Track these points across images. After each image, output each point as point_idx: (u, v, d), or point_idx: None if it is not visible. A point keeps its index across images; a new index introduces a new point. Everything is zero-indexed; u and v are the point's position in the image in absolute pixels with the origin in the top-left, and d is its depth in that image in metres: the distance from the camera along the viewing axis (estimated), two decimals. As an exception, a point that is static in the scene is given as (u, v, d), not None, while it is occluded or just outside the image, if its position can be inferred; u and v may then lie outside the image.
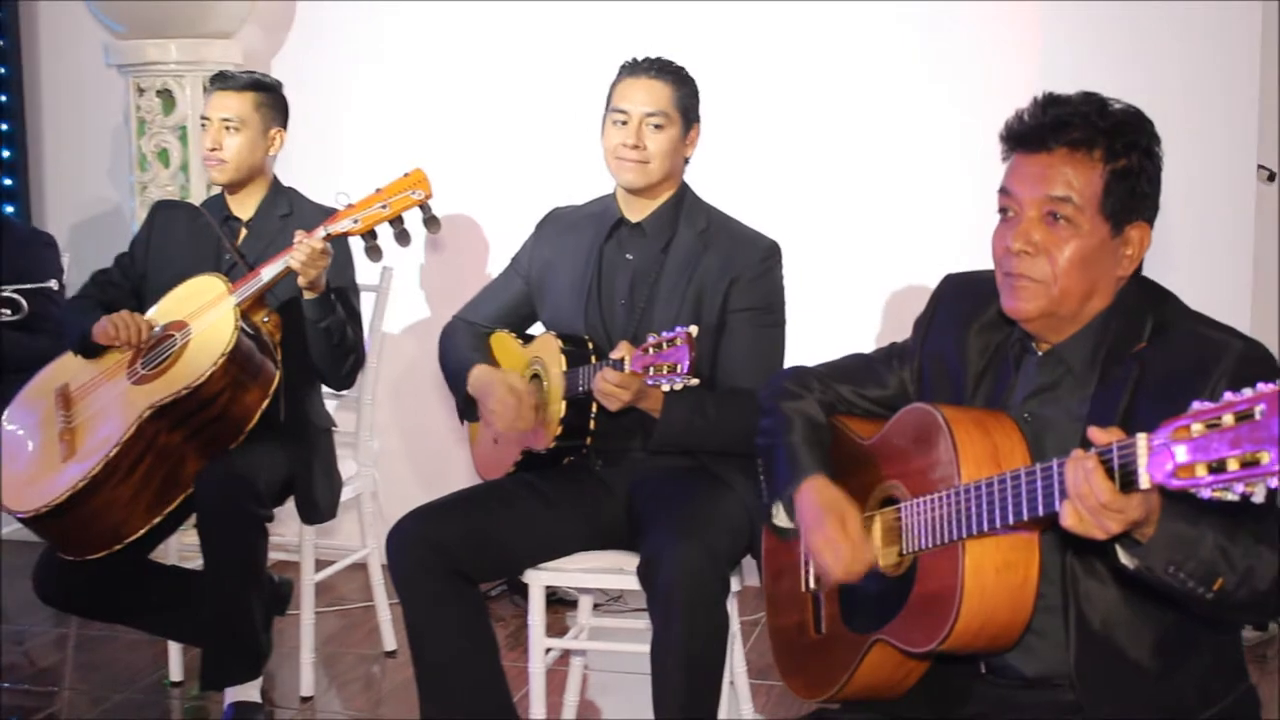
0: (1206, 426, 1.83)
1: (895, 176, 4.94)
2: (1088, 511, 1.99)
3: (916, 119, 4.89)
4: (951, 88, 4.84)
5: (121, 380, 3.84)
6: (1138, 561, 2.08)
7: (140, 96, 5.35)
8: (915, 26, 4.88)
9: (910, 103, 4.89)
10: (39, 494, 3.73)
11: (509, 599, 5.00)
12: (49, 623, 4.96)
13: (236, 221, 4.15)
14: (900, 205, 4.92)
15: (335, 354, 3.94)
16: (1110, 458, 1.96)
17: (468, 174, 5.15)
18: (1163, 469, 1.88)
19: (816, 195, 5.00)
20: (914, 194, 4.90)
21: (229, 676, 3.91)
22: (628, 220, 3.57)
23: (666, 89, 3.50)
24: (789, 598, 2.85)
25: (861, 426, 2.74)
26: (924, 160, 4.89)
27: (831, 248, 4.93)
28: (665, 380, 2.99)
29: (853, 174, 4.98)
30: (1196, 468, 1.83)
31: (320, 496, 4.10)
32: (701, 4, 5.03)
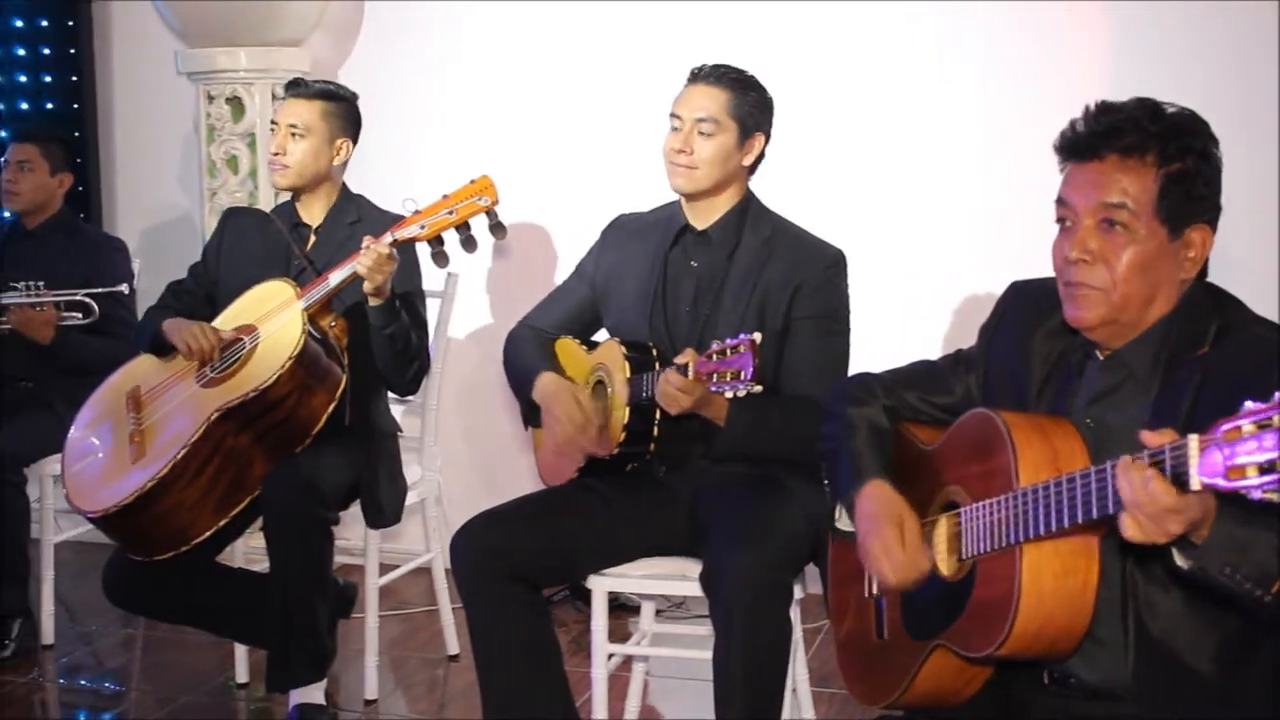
0: (1258, 427, 1.82)
1: (962, 184, 4.91)
2: (1148, 518, 1.99)
3: (983, 128, 4.87)
4: (1019, 97, 4.81)
5: (191, 383, 3.88)
6: (1192, 563, 2.07)
7: (210, 104, 5.40)
8: (980, 39, 4.86)
9: (977, 112, 4.87)
10: (109, 495, 3.77)
11: (571, 604, 5.01)
12: (117, 624, 5.02)
13: (305, 228, 4.18)
14: (967, 213, 4.90)
15: (400, 360, 3.96)
16: (1162, 459, 1.95)
17: (534, 180, 5.17)
18: (1214, 470, 1.87)
19: (883, 203, 4.99)
20: (980, 202, 4.87)
21: (294, 679, 3.93)
22: (693, 227, 3.57)
23: (722, 95, 3.49)
24: (852, 604, 2.84)
25: (925, 433, 2.73)
26: (991, 168, 4.86)
27: (898, 255, 4.92)
28: (729, 387, 2.98)
29: (919, 182, 4.97)
30: (1248, 469, 1.82)
31: (385, 501, 4.12)
32: (769, 13, 5.02)
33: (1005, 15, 4.84)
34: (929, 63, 4.92)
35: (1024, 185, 4.64)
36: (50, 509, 4.85)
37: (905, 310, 4.84)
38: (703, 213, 3.56)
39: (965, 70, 4.89)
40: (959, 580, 2.48)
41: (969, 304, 4.82)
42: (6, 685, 4.51)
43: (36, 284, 4.77)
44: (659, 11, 5.16)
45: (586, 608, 3.77)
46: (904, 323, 4.76)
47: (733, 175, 3.54)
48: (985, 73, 4.87)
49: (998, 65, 4.85)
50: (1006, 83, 4.84)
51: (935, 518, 2.58)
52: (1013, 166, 4.79)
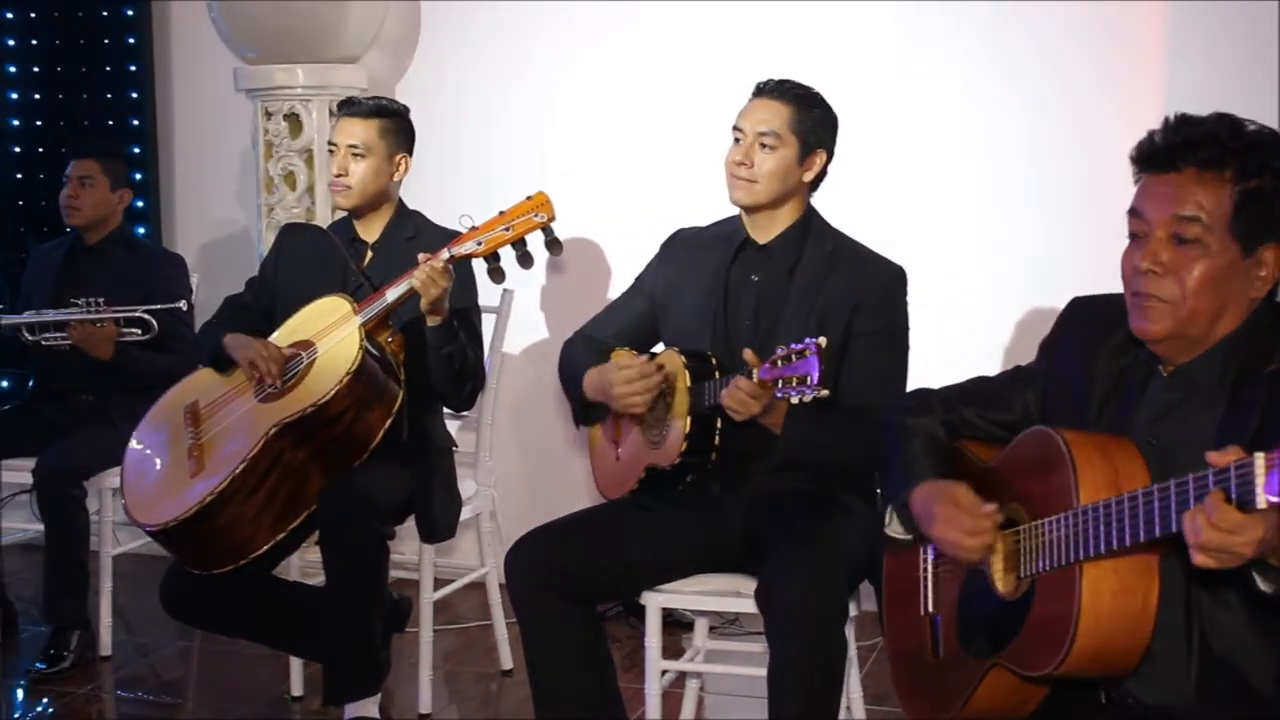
0: None
1: (1025, 198, 4.89)
2: (1216, 549, 1.98)
3: (1045, 142, 4.84)
4: (1081, 110, 4.78)
5: (249, 398, 3.90)
6: (1276, 587, 2.06)
7: (268, 120, 5.43)
8: (1043, 53, 4.83)
9: (1040, 125, 4.85)
10: (167, 508, 3.79)
11: (625, 620, 5.01)
12: (174, 636, 5.04)
13: (362, 244, 4.21)
14: (1029, 227, 4.87)
15: (456, 378, 3.97)
16: (1228, 478, 1.94)
17: (589, 196, 5.18)
18: None
19: (943, 218, 4.97)
20: (1043, 216, 4.85)
21: (349, 692, 3.94)
22: (754, 241, 3.57)
23: (785, 110, 3.50)
24: (908, 622, 2.83)
25: (984, 450, 2.72)
26: (1052, 183, 4.84)
27: (958, 271, 4.90)
28: (794, 392, 2.96)
29: (980, 196, 4.95)
30: None
31: (440, 516, 4.13)
32: (828, 30, 5.02)
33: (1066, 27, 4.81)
34: (989, 78, 4.90)
35: (1088, 199, 4.65)
36: (109, 522, 4.89)
37: (965, 326, 4.82)
38: (763, 227, 3.56)
39: (1026, 85, 4.86)
40: (1017, 598, 2.47)
41: (1029, 319, 4.79)
42: (65, 696, 4.54)
43: (97, 300, 4.81)
44: (719, 25, 5.16)
45: (640, 623, 3.77)
46: (964, 339, 4.73)
47: (792, 190, 3.53)
48: (1048, 86, 4.84)
49: (1059, 80, 4.82)
50: (1070, 96, 4.81)
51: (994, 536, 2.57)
52: (1077, 180, 4.76)
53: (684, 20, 5.21)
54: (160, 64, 5.92)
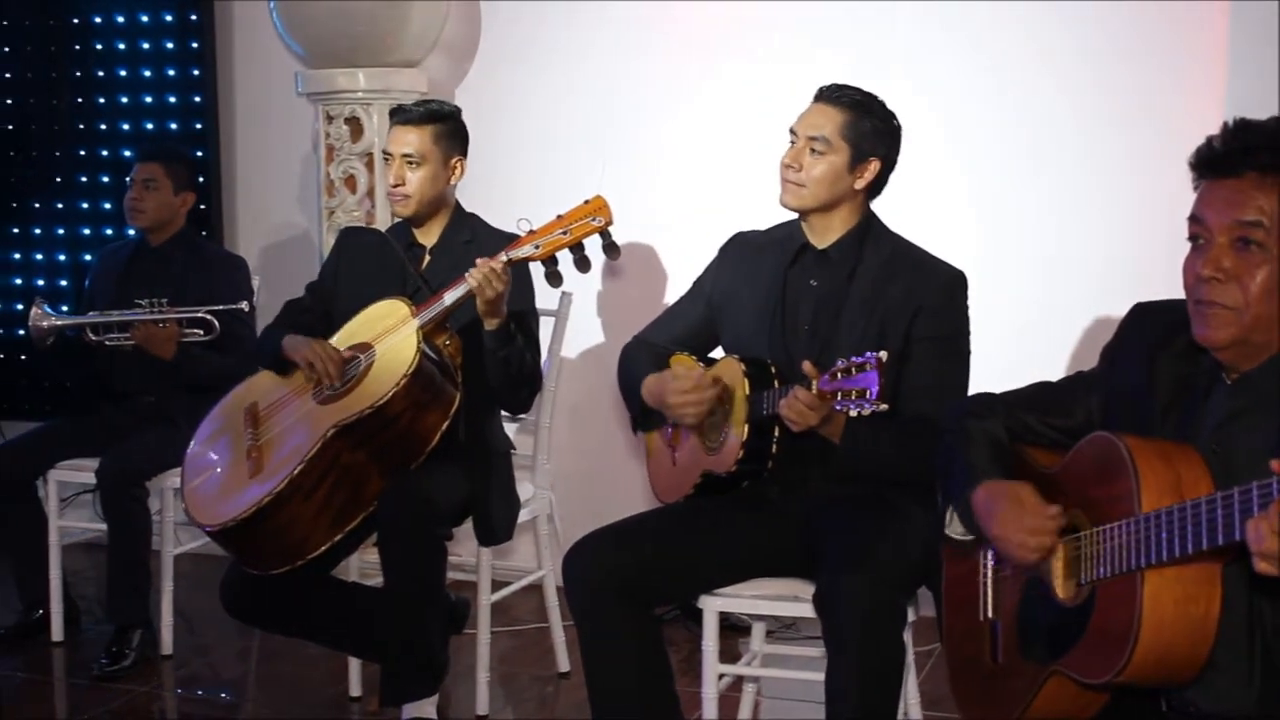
0: None
1: (1085, 204, 4.85)
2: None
3: (1108, 146, 4.80)
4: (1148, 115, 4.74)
5: (308, 400, 3.93)
6: None
7: (329, 124, 5.47)
8: (1109, 55, 4.80)
9: (1101, 131, 4.81)
10: (227, 508, 3.82)
11: (682, 624, 5.00)
12: (234, 635, 5.08)
13: (420, 248, 4.22)
14: (1089, 232, 4.84)
15: (513, 382, 3.98)
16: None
17: (648, 200, 5.18)
18: None
19: (1004, 223, 4.94)
20: (1104, 221, 4.81)
21: (407, 693, 3.96)
22: (813, 246, 3.56)
23: (839, 116, 3.48)
24: (967, 627, 2.82)
25: (1044, 456, 2.71)
26: (1114, 188, 4.80)
27: (1018, 276, 4.87)
28: (854, 405, 2.94)
29: (1041, 201, 4.91)
30: None
31: (498, 518, 4.14)
32: (890, 35, 5.00)
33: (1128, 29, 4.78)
34: (1053, 84, 4.87)
35: (1151, 204, 4.61)
36: (170, 522, 4.93)
37: (1026, 331, 4.79)
38: (821, 231, 3.55)
39: (1089, 92, 4.83)
40: (1078, 605, 2.45)
41: (1093, 325, 4.76)
42: (127, 694, 4.58)
43: (160, 301, 4.85)
44: (781, 27, 5.15)
45: (697, 627, 3.77)
46: (1024, 344, 4.70)
47: (842, 197, 3.51)
48: (1110, 92, 4.81)
49: (1122, 81, 4.79)
50: (1133, 98, 4.77)
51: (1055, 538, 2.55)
52: (1144, 186, 4.72)
53: (745, 22, 5.20)
54: (223, 68, 5.96)
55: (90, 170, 6.10)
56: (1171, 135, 4.50)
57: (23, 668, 4.86)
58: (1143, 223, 4.71)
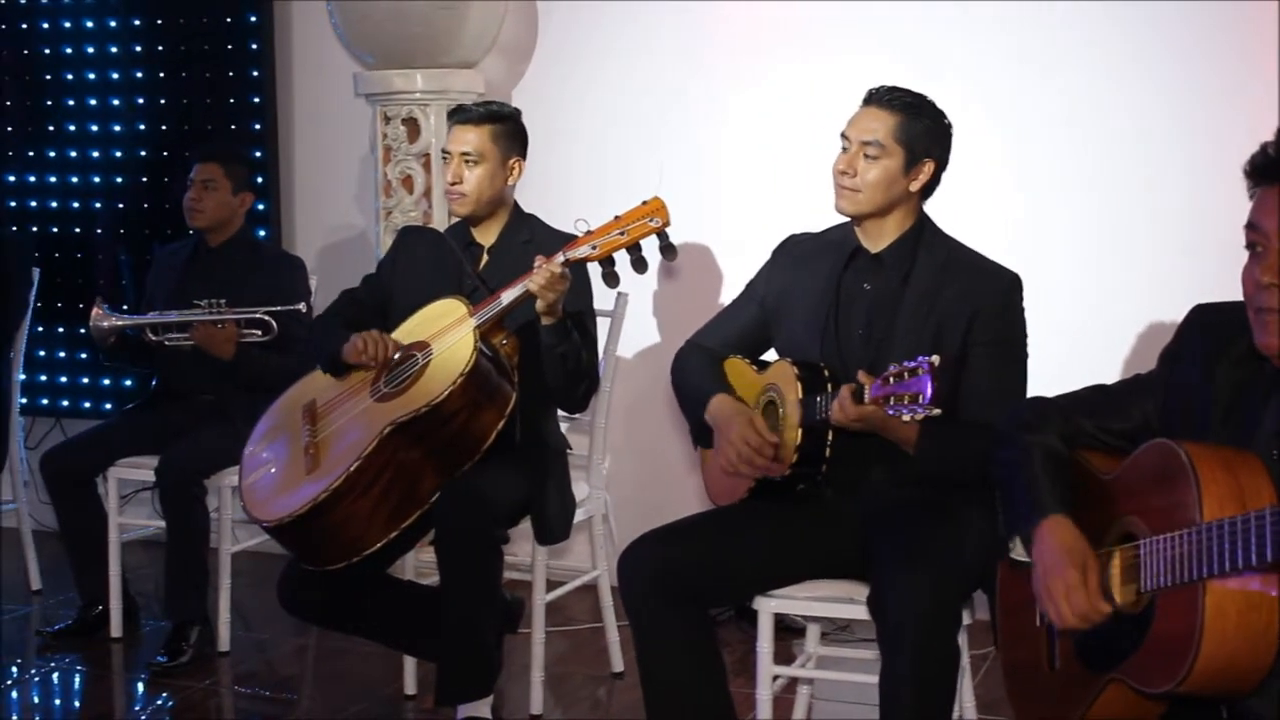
0: None
1: (1142, 206, 4.82)
2: None
3: (1166, 149, 4.77)
4: (1204, 115, 4.71)
5: (365, 397, 3.95)
6: None
7: (387, 125, 5.49)
8: (1161, 57, 4.77)
9: (1160, 132, 4.78)
10: (284, 505, 3.85)
11: (736, 625, 5.00)
12: (290, 633, 5.12)
13: (478, 247, 4.24)
14: (1148, 234, 4.81)
15: (570, 379, 3.99)
16: None
17: (703, 201, 5.18)
18: None
19: (1061, 224, 4.92)
20: (1162, 223, 4.78)
21: (462, 692, 3.97)
22: (866, 250, 3.55)
23: (891, 119, 3.46)
24: (1023, 632, 2.80)
25: (1101, 461, 2.68)
26: (1173, 191, 4.77)
27: (1076, 279, 4.84)
28: (906, 410, 2.93)
29: (1098, 203, 4.88)
30: None
31: (553, 518, 4.15)
32: (948, 35, 4.99)
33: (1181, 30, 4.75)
34: (1108, 86, 4.84)
35: (1211, 207, 4.57)
36: (228, 519, 4.96)
37: (1083, 334, 4.76)
38: (874, 235, 3.54)
39: (1146, 94, 4.80)
40: (1137, 613, 2.44)
41: (1151, 328, 4.72)
42: (184, 690, 4.62)
43: (218, 301, 4.88)
44: (838, 30, 5.15)
45: (751, 628, 3.76)
46: (1081, 347, 4.68)
47: (897, 200, 3.50)
48: (1161, 89, 4.78)
49: (1175, 83, 4.76)
50: (1187, 100, 4.74)
51: (1111, 548, 2.54)
52: (1199, 187, 4.69)
53: (801, 25, 5.20)
54: (281, 69, 5.99)
55: (152, 171, 6.14)
56: (1225, 136, 4.51)
57: (82, 663, 4.91)
58: (1197, 224, 4.68)
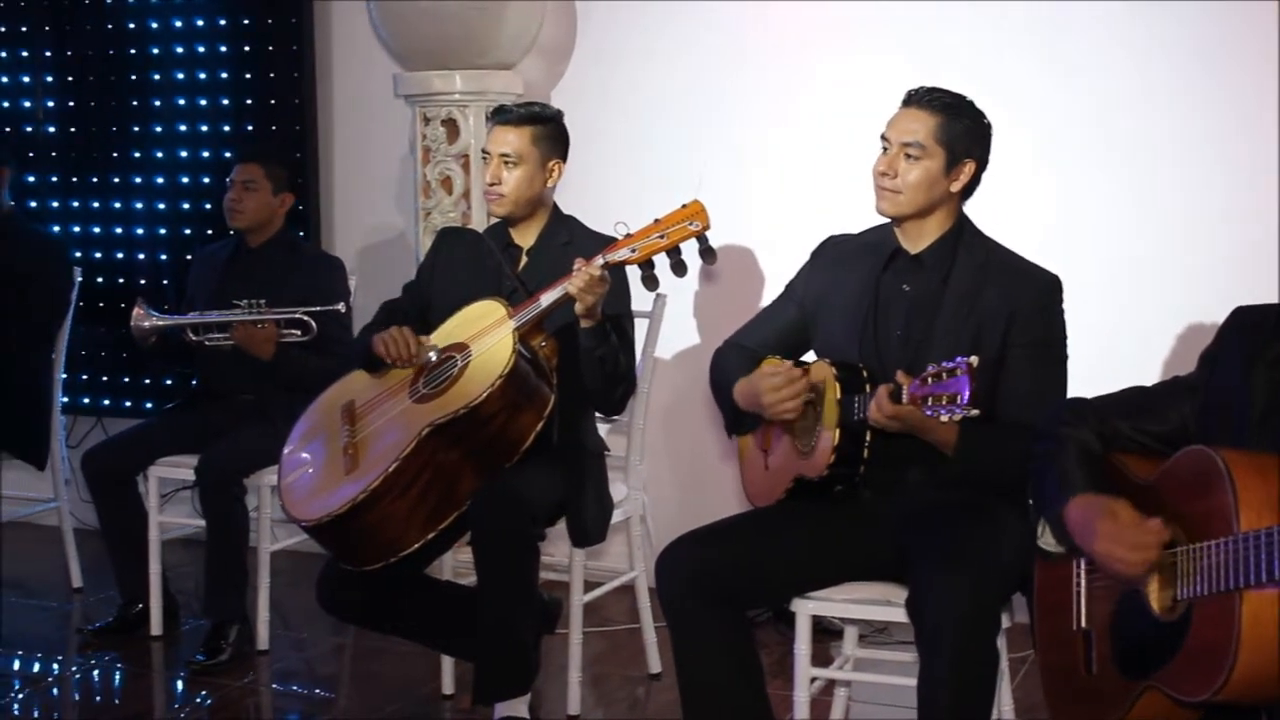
0: None
1: (1177, 208, 4.80)
2: None
3: (1200, 150, 4.75)
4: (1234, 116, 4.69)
5: (403, 398, 3.96)
6: None
7: (426, 126, 5.51)
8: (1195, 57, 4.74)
9: (1195, 133, 4.76)
10: (322, 504, 3.86)
11: (773, 627, 5.00)
12: (329, 632, 5.14)
13: (517, 249, 4.24)
14: (1184, 236, 4.78)
15: (608, 381, 3.98)
16: None
17: (744, 204, 5.18)
18: None
19: (1094, 227, 4.90)
20: (1198, 225, 4.76)
21: (500, 692, 3.98)
22: (905, 251, 3.54)
23: (931, 120, 3.45)
24: (1060, 636, 2.80)
25: (1139, 465, 2.67)
26: (1208, 191, 4.74)
27: (1110, 281, 4.82)
28: (944, 411, 2.92)
29: (1131, 205, 4.86)
30: None
31: (591, 519, 4.16)
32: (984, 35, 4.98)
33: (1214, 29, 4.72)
34: (1147, 86, 4.82)
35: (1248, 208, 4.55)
36: (267, 519, 4.99)
37: (1122, 336, 4.74)
38: (914, 236, 3.53)
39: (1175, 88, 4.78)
40: (1174, 620, 2.42)
41: (1190, 330, 4.70)
42: (223, 688, 4.64)
43: (258, 301, 4.91)
44: (876, 30, 5.14)
45: (789, 630, 3.76)
46: (1121, 349, 4.66)
47: (938, 201, 3.49)
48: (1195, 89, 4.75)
49: (1208, 82, 4.73)
50: (1221, 99, 4.71)
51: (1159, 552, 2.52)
52: (1236, 188, 4.66)
53: (840, 25, 5.19)
54: (321, 70, 6.01)
55: (192, 171, 6.18)
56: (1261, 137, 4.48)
57: (122, 661, 4.94)
58: (1233, 226, 4.66)
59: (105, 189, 6.34)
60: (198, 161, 6.17)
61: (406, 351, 3.96)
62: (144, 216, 6.28)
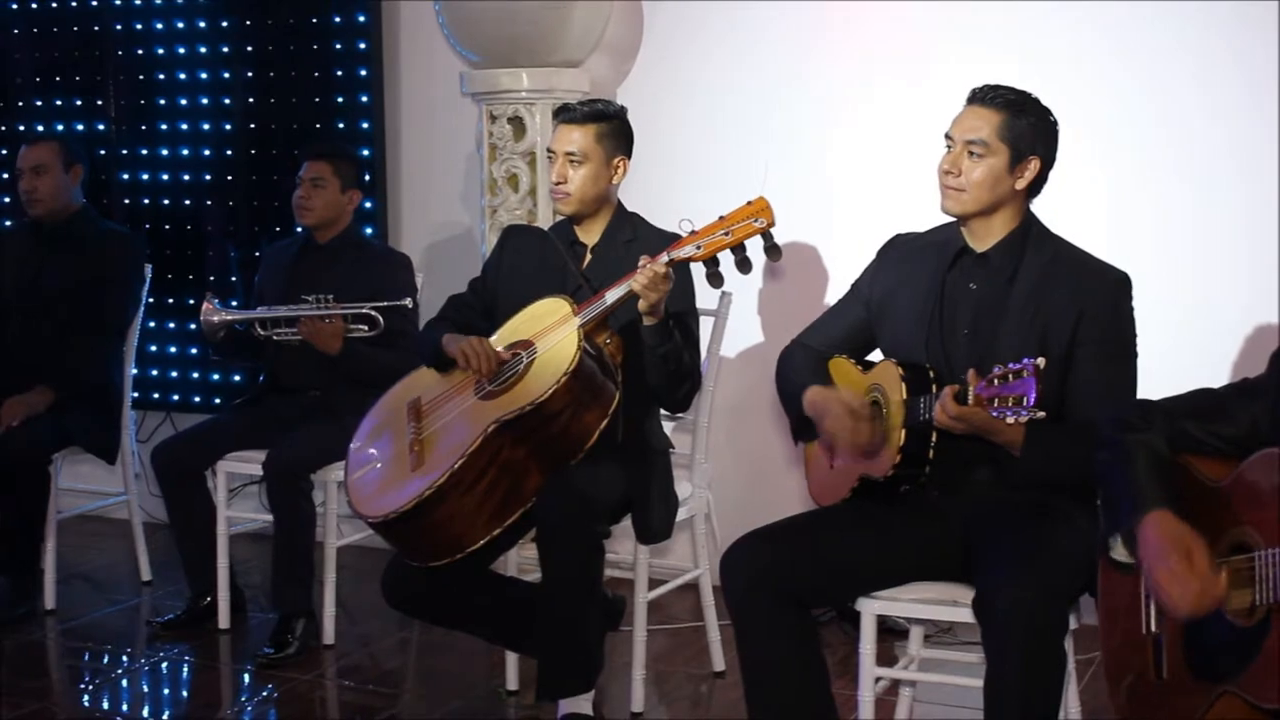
0: None
1: (1242, 209, 4.75)
2: None
3: (1271, 145, 4.68)
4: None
5: (469, 395, 3.97)
6: None
7: (493, 123, 5.52)
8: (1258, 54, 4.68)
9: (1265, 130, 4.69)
10: (389, 501, 3.88)
11: (838, 626, 4.98)
12: (393, 627, 5.16)
13: (582, 246, 4.25)
14: (1253, 236, 4.73)
15: (672, 379, 3.98)
16: None
17: (809, 201, 5.16)
18: None
19: (1157, 228, 4.85)
20: (1269, 225, 4.70)
21: (564, 688, 3.99)
22: (972, 249, 3.52)
23: (995, 118, 3.42)
24: (1128, 639, 2.77)
25: (1211, 467, 2.64)
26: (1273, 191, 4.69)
27: (1184, 279, 4.77)
28: (1010, 413, 2.91)
29: (1207, 203, 4.81)
30: None
31: (656, 517, 4.15)
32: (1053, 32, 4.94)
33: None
34: (1216, 82, 4.77)
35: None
36: (334, 514, 5.01)
37: (1189, 337, 4.69)
38: (980, 235, 3.51)
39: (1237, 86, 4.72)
40: (1251, 625, 2.39)
41: (1259, 332, 4.65)
42: (289, 682, 4.68)
43: (326, 297, 4.94)
44: (943, 28, 5.11)
45: (854, 630, 3.75)
46: (1187, 350, 4.61)
47: (1003, 199, 3.46)
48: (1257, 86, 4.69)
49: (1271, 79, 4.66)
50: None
51: (1223, 559, 2.50)
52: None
53: (907, 23, 5.17)
54: (389, 68, 6.04)
55: (261, 169, 6.22)
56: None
57: (190, 653, 4.98)
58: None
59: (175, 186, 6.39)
60: (267, 159, 6.19)
61: (489, 365, 3.97)
62: (214, 214, 6.32)
